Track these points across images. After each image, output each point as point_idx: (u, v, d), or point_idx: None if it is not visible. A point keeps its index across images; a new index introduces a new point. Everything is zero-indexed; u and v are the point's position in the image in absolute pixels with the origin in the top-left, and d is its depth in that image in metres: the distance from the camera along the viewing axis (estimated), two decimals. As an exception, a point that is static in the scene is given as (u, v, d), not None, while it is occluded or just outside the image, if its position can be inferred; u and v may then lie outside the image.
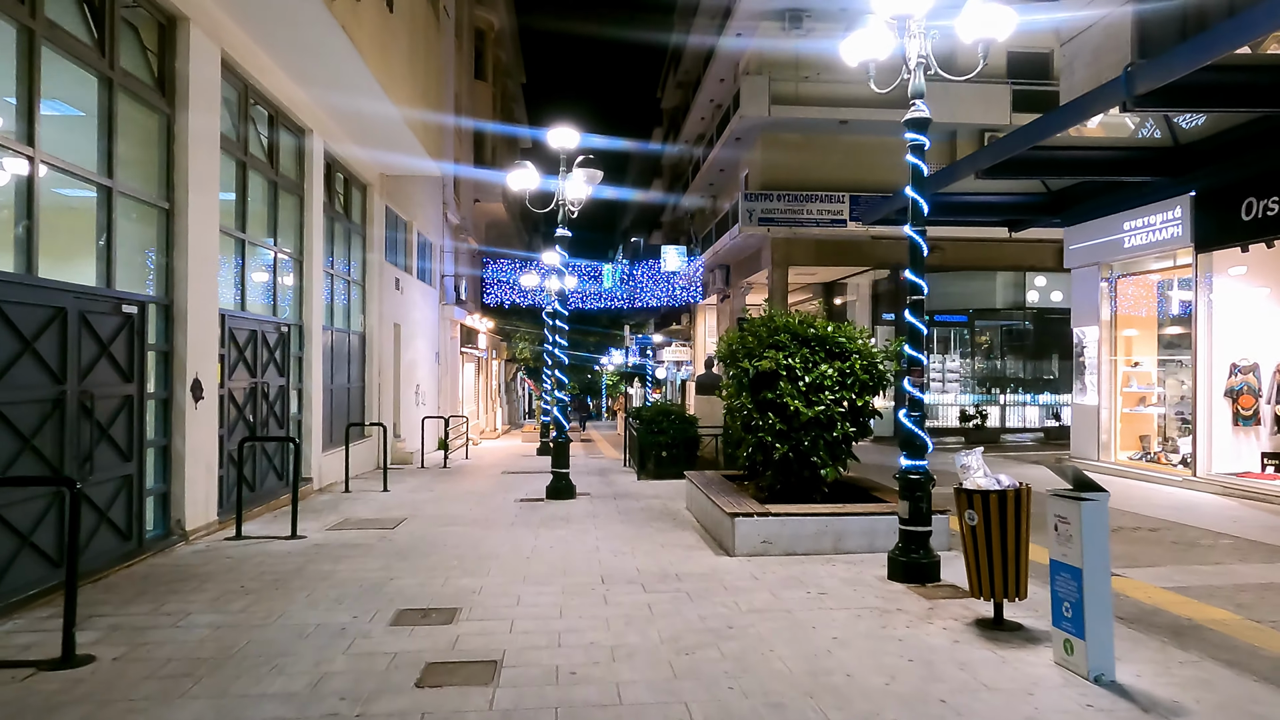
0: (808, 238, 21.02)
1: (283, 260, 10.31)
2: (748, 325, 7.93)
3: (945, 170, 11.03)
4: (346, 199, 13.16)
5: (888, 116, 21.31)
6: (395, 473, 13.40)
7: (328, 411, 11.88)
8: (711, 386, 13.81)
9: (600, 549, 7.14)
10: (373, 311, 14.26)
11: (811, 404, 7.19)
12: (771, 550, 6.78)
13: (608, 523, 8.50)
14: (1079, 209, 12.78)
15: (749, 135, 22.34)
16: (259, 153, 9.53)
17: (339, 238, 12.81)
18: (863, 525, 6.88)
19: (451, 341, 22.34)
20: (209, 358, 7.75)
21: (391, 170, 14.39)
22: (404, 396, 16.72)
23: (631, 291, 24.48)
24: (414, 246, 17.60)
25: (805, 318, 7.72)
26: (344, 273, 13.03)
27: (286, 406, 10.18)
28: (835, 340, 7.43)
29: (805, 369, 7.25)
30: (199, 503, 7.56)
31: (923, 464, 5.86)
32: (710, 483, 8.62)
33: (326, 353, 11.85)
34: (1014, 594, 4.65)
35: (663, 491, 10.90)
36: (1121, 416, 12.51)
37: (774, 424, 7.22)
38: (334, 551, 7.01)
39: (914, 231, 5.99)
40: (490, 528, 8.25)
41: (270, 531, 7.93)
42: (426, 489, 11.41)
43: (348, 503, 9.97)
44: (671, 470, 12.24)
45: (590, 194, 10.65)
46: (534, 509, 9.50)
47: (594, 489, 11.29)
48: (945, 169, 11.07)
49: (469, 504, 9.93)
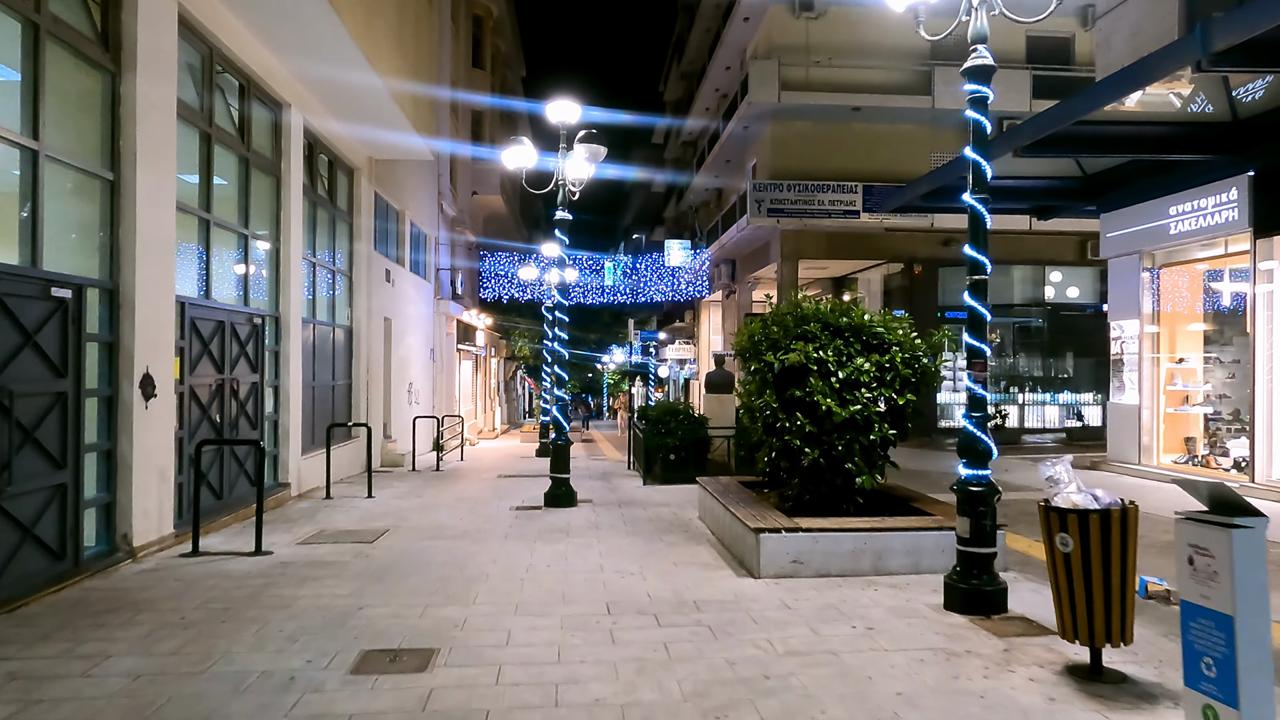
0: (818, 230, 20.13)
1: (256, 246, 9.43)
2: (772, 313, 7.04)
3: (925, 177, 10.12)
4: (331, 183, 12.27)
5: (902, 103, 20.49)
6: (384, 476, 12.53)
7: (309, 411, 10.99)
8: (722, 385, 12.93)
9: (605, 568, 6.25)
10: (360, 305, 13.37)
11: (845, 403, 6.30)
12: (802, 571, 5.90)
13: (612, 535, 7.62)
14: (1118, 194, 11.89)
15: (757, 123, 21.44)
16: (227, 126, 8.65)
17: (322, 224, 11.92)
18: (906, 542, 6.00)
19: (447, 338, 21.47)
20: (163, 350, 6.87)
21: (381, 153, 13.51)
22: (396, 395, 15.84)
23: (634, 286, 23.57)
24: (406, 237, 16.72)
25: (837, 305, 6.83)
26: (328, 262, 12.14)
27: (260, 405, 9.30)
28: (872, 330, 6.53)
29: (839, 363, 6.36)
30: (150, 514, 6.68)
31: (985, 474, 4.98)
32: (726, 491, 7.73)
33: (307, 347, 10.98)
34: (1118, 638, 3.77)
35: (671, 498, 10.01)
36: (1164, 417, 11.62)
37: (803, 426, 6.34)
38: (300, 571, 6.12)
39: (975, 200, 5.11)
40: (481, 541, 7.36)
41: (234, 546, 7.05)
42: (415, 495, 10.53)
43: (327, 511, 9.08)
44: (680, 474, 11.35)
45: (593, 174, 9.76)
46: (531, 518, 8.62)
47: (596, 495, 10.41)
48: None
49: (459, 513, 9.04)
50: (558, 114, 9.24)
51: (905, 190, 12.71)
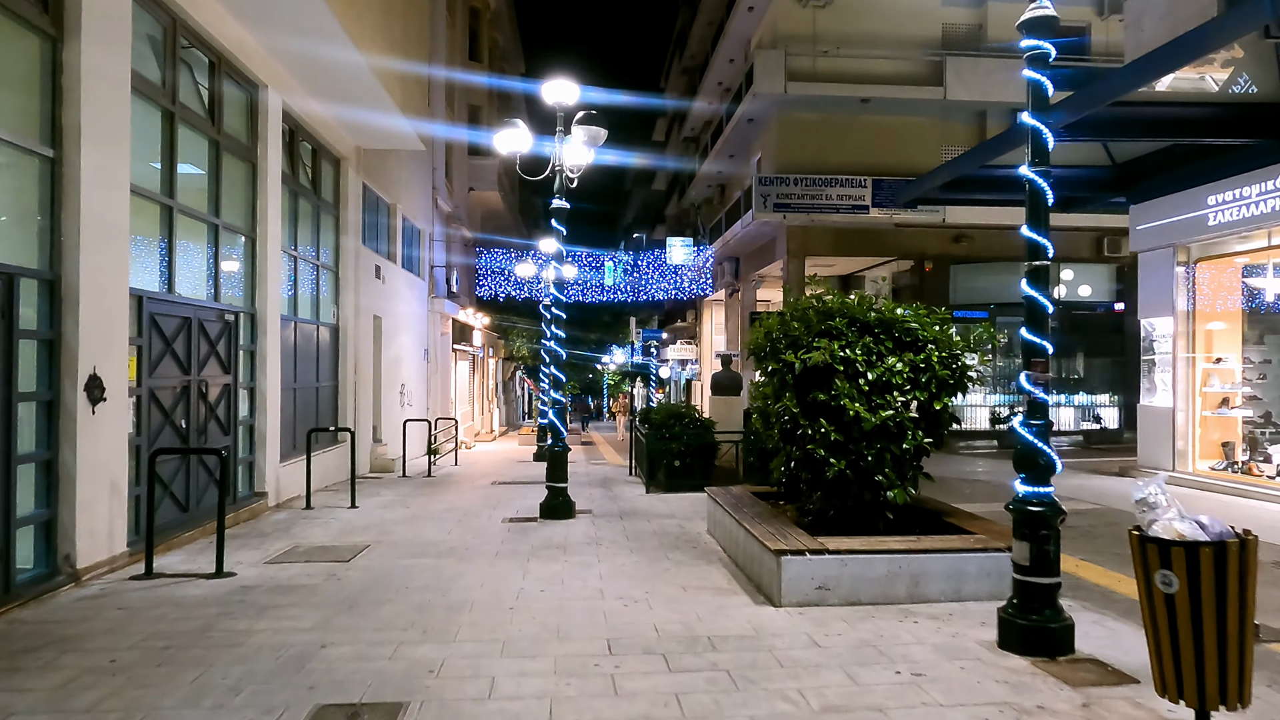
0: (826, 225, 19.44)
1: (228, 237, 8.74)
2: (792, 308, 6.35)
3: (1008, 133, 9.44)
4: (315, 172, 11.58)
5: (913, 94, 19.79)
6: (372, 484, 11.83)
7: (289, 415, 10.30)
8: (729, 386, 12.24)
9: (605, 593, 5.56)
10: (348, 302, 12.68)
11: (876, 407, 5.60)
12: (829, 599, 5.20)
13: (614, 552, 6.92)
14: (1150, 184, 11.20)
15: (762, 116, 20.75)
16: (195, 106, 7.96)
17: (305, 216, 11.23)
18: (946, 565, 5.30)
19: (442, 338, 20.78)
20: (114, 348, 6.18)
21: (369, 141, 12.82)
22: (387, 397, 15.15)
23: (635, 284, 22.86)
24: (398, 232, 16.03)
25: (864, 297, 6.14)
26: (311, 257, 11.45)
27: (233, 409, 8.60)
28: (905, 325, 5.84)
29: (868, 363, 5.67)
30: (98, 532, 5.99)
31: (1048, 491, 4.29)
32: (739, 503, 7.04)
33: (288, 347, 10.28)
34: (1234, 699, 3.08)
35: (677, 509, 9.32)
36: (1200, 420, 10.92)
37: (827, 433, 5.64)
38: (262, 598, 5.43)
39: (1034, 173, 4.42)
40: (468, 560, 6.67)
41: (195, 566, 6.36)
42: (402, 504, 9.83)
43: (304, 524, 8.39)
44: (686, 482, 10.65)
45: (592, 159, 9.07)
46: (524, 532, 7.92)
47: (596, 504, 9.71)
48: (1008, 131, 9.48)
49: (448, 525, 8.35)
50: (554, 94, 8.55)
51: (922, 180, 12.03)
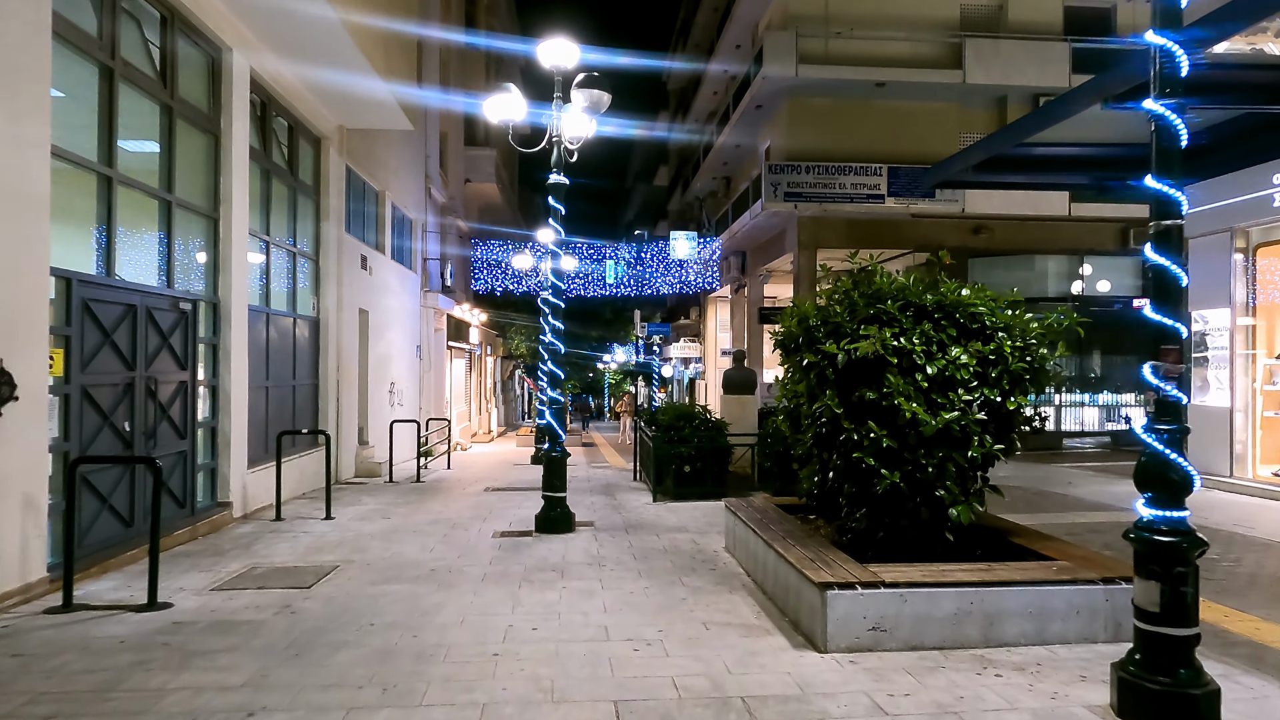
0: (838, 216, 18.49)
1: (186, 216, 7.79)
2: (831, 290, 5.38)
3: (1060, 100, 8.45)
4: (292, 152, 10.62)
5: (930, 78, 18.79)
6: (354, 490, 10.87)
7: (259, 416, 9.35)
8: (742, 384, 11.28)
9: (611, 633, 4.60)
10: (329, 294, 11.72)
11: (935, 407, 4.65)
12: (885, 642, 4.24)
13: (619, 576, 5.96)
14: (1203, 162, 10.19)
15: (772, 101, 19.79)
16: (142, 65, 7.00)
17: (280, 199, 10.27)
18: (1027, 601, 4.34)
19: (436, 334, 19.82)
20: (28, 339, 5.22)
21: (353, 119, 11.84)
22: (374, 396, 14.19)
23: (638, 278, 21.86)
24: (387, 221, 15.06)
25: (919, 277, 5.18)
26: (288, 243, 10.49)
27: (190, 409, 7.65)
28: (970, 310, 4.87)
29: (927, 354, 4.70)
30: (6, 557, 5.03)
31: (1183, 516, 3.32)
32: (764, 519, 6.07)
33: (258, 341, 9.33)
34: None
35: (688, 520, 8.36)
36: (1261, 422, 9.96)
37: (878, 438, 4.67)
38: (194, 640, 4.47)
39: (1165, 106, 3.44)
40: (450, 585, 5.71)
41: (129, 593, 5.41)
42: (383, 515, 8.87)
43: (269, 539, 7.43)
44: (696, 490, 9.71)
45: (594, 131, 8.11)
46: (517, 549, 6.96)
47: (598, 515, 8.76)
48: (1059, 99, 8.50)
49: (431, 540, 7.39)
50: (552, 56, 7.59)
51: (953, 160, 11.02)
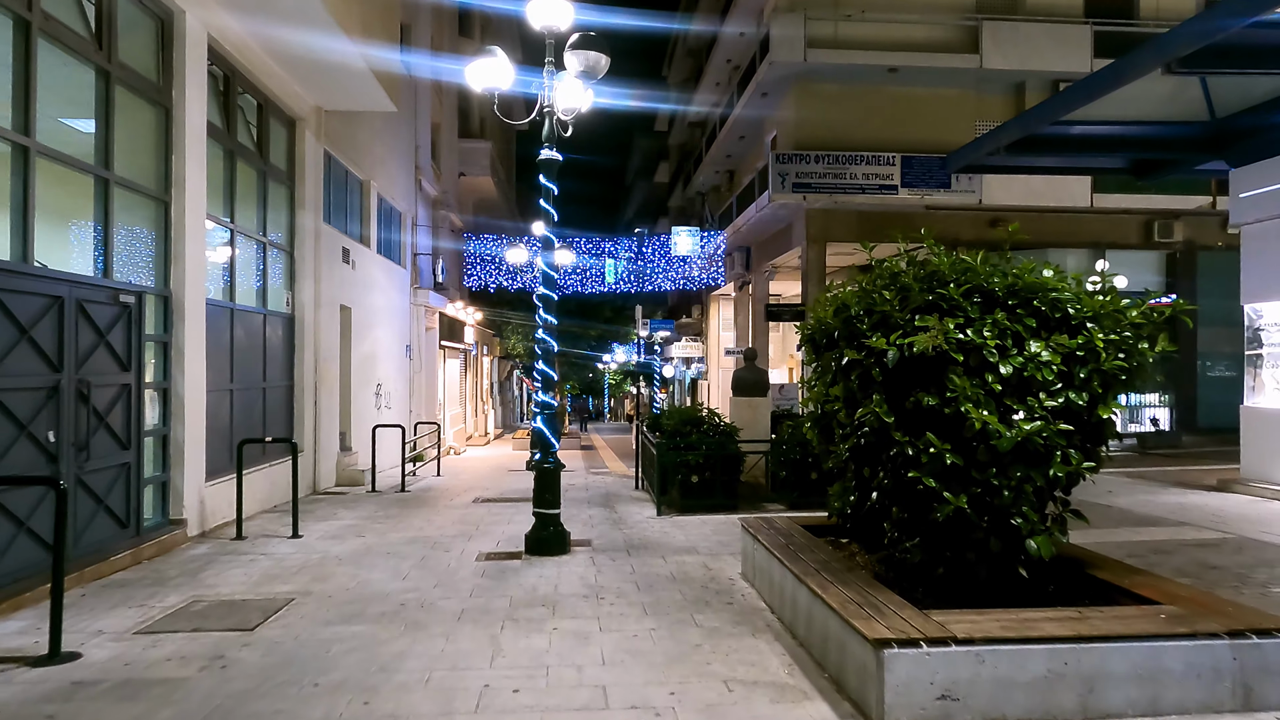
0: (849, 208, 17.58)
1: (128, 197, 6.89)
2: (878, 273, 4.48)
3: (1113, 67, 7.56)
4: (262, 133, 9.73)
5: (945, 63, 17.87)
6: (330, 502, 9.97)
7: (223, 422, 8.46)
8: (753, 385, 10.37)
9: (611, 697, 3.70)
10: (305, 288, 10.82)
11: (1008, 415, 3.75)
12: (959, 715, 3.34)
13: (621, 614, 5.06)
14: (1258, 141, 9.33)
15: (779, 88, 18.90)
16: (70, 20, 6.10)
17: (248, 183, 9.38)
18: (1135, 661, 3.44)
19: (428, 333, 18.93)
20: (-95, 334, 4.33)
21: (331, 100, 10.94)
22: (359, 399, 13.30)
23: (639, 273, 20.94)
24: (372, 213, 14.16)
25: (987, 255, 4.28)
26: (257, 233, 9.59)
27: (135, 416, 6.75)
28: (1052, 296, 3.97)
29: (1000, 350, 3.81)
30: (-127, 599, 4.14)
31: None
32: (790, 544, 5.17)
33: (220, 339, 8.44)
34: None
35: (697, 538, 7.46)
36: (1326, 425, 9.06)
37: (939, 453, 3.78)
38: (85, 711, 3.57)
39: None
40: (419, 628, 4.81)
41: (34, 639, 4.52)
42: (356, 533, 7.97)
43: (223, 563, 6.53)
44: (705, 501, 8.82)
45: (591, 102, 7.22)
46: (503, 577, 6.06)
47: (596, 532, 7.86)
48: (1112, 65, 7.61)
49: (406, 564, 6.49)
50: (543, 16, 6.70)
51: (983, 141, 10.14)
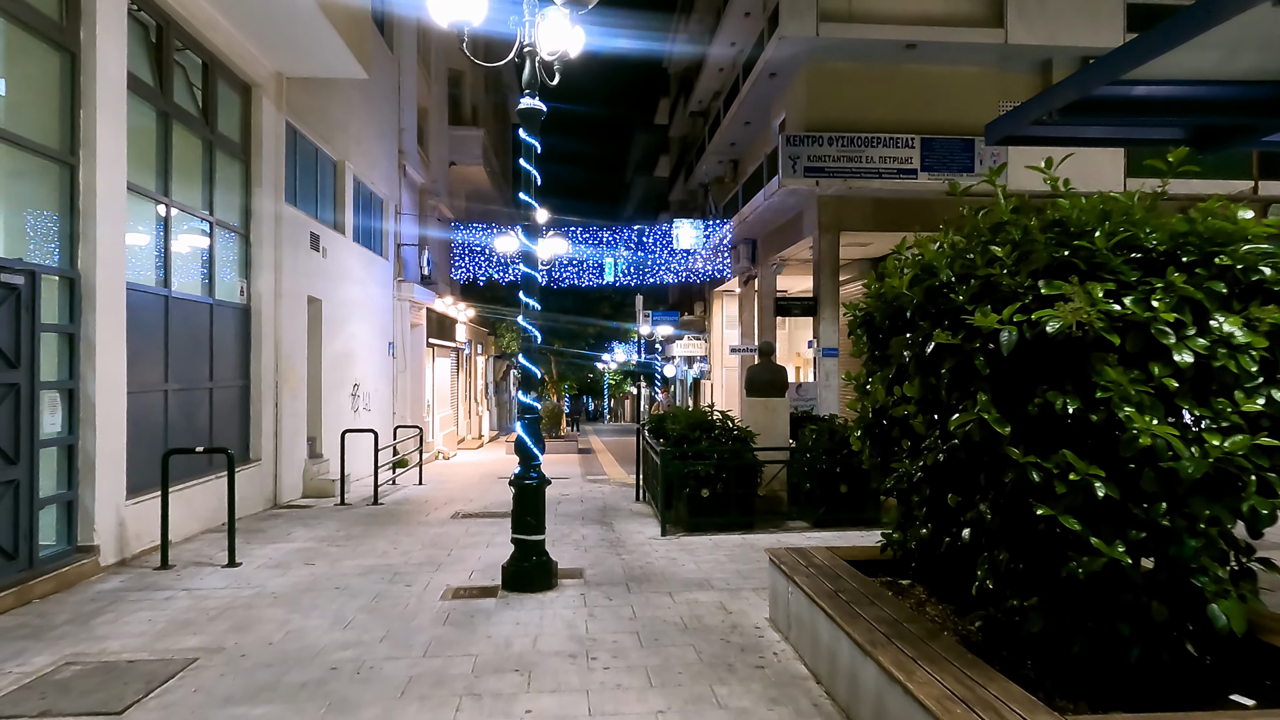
0: (864, 195, 16.35)
1: (17, 155, 5.67)
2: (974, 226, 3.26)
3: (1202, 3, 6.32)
4: (209, 98, 8.50)
5: (967, 38, 16.61)
6: (289, 519, 8.73)
7: (153, 428, 7.24)
8: (771, 384, 9.13)
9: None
10: (263, 276, 9.59)
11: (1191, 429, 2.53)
12: None
13: (619, 688, 3.84)
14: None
15: (788, 67, 17.70)
16: (-70, -71, 4.89)
17: (189, 153, 8.17)
18: None
19: (414, 330, 17.70)
20: None
21: (293, 65, 9.70)
22: (332, 401, 12.07)
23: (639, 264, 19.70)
24: (347, 196, 12.93)
25: (1141, 194, 3.07)
26: (201, 211, 8.37)
27: (27, 422, 5.52)
28: (1244, 250, 2.74)
29: (1177, 329, 2.59)
30: None
31: None
32: (838, 589, 3.95)
33: (151, 331, 7.22)
34: None
35: (711, 567, 6.24)
36: None
37: (1084, 480, 2.56)
38: None
39: None
40: (348, 710, 3.59)
41: None
42: (306, 560, 6.73)
43: (129, 604, 5.31)
44: (716, 520, 7.60)
45: (582, 44, 6.00)
46: (470, 625, 4.83)
47: (590, 558, 6.64)
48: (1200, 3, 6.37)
49: (354, 606, 5.26)
50: (522, -65, 5.47)
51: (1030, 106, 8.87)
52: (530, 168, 5.73)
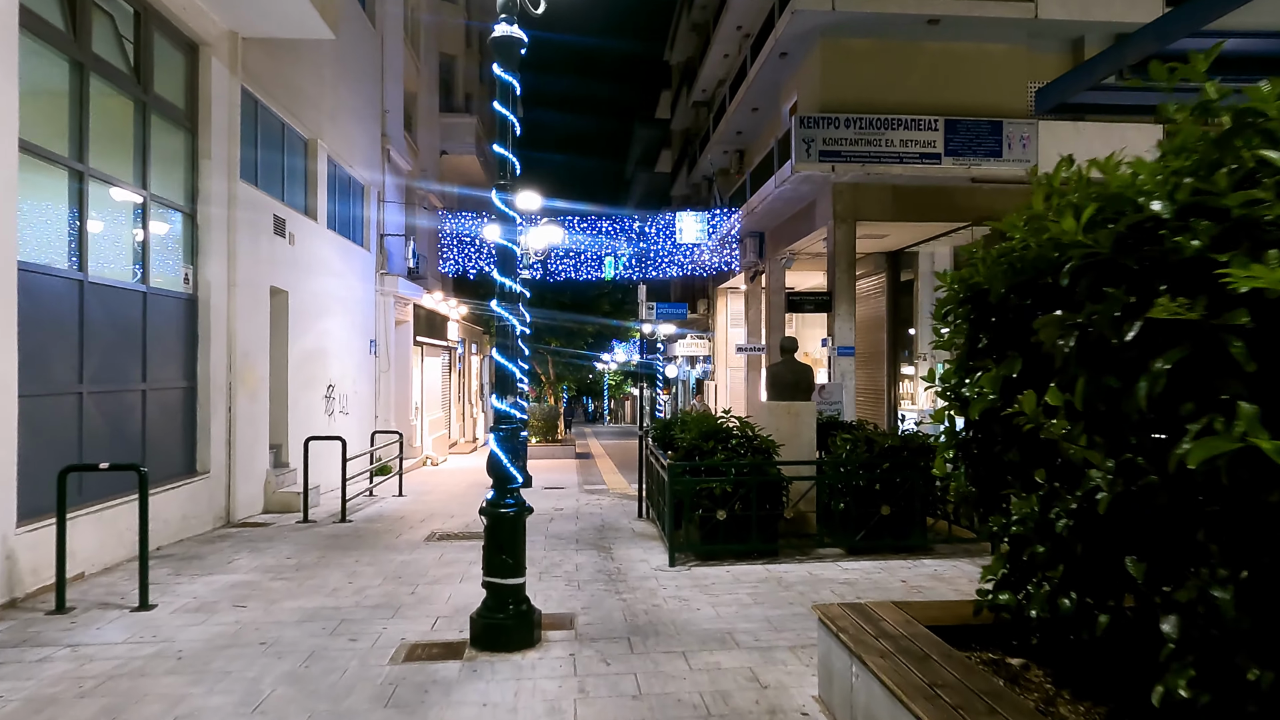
0: (882, 181, 15.15)
1: None
2: (1183, 135, 2.06)
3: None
4: (144, 54, 7.32)
5: (994, 12, 15.34)
6: (238, 540, 7.52)
7: (62, 439, 6.05)
8: (796, 386, 7.92)
9: None
10: (214, 263, 8.41)
11: None
12: None
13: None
14: None
15: (800, 46, 16.51)
16: None
17: (116, 116, 6.98)
18: None
19: (399, 327, 16.49)
20: None
21: (249, 24, 8.53)
22: (301, 404, 10.88)
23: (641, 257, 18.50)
24: (320, 179, 11.74)
25: None
26: (130, 184, 7.19)
27: None
28: None
29: None
30: None
31: None
32: (929, 680, 2.74)
33: (59, 322, 6.04)
34: None
35: (733, 612, 5.04)
36: None
37: None
38: None
39: None
40: None
41: None
42: (238, 600, 5.53)
43: (-13, 669, 4.12)
44: (735, 547, 6.41)
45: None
46: (420, 710, 3.63)
47: (584, 598, 5.45)
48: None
49: (276, 672, 4.07)
50: None
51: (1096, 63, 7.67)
52: (506, 112, 4.53)
